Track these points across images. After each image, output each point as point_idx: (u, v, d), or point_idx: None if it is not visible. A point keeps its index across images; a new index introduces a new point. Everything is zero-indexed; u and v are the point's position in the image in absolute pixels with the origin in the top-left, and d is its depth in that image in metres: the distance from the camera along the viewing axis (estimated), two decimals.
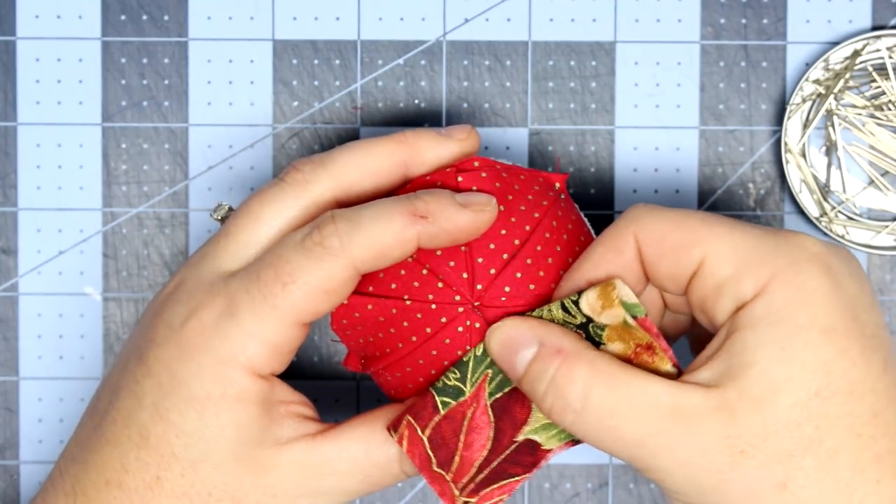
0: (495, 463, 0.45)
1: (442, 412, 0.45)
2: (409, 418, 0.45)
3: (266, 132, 0.57)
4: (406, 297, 0.45)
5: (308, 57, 0.56)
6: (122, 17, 0.56)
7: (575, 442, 0.44)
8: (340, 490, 0.46)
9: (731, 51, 0.56)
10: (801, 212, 0.56)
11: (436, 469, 0.45)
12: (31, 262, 0.57)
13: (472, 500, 0.45)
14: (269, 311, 0.44)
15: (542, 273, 0.45)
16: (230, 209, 0.49)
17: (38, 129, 0.56)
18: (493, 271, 0.45)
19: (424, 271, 0.45)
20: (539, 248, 0.45)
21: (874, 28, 0.56)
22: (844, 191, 0.56)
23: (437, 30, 0.56)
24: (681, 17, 0.56)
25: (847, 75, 0.55)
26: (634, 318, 0.43)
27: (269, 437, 0.45)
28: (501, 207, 0.46)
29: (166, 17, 0.56)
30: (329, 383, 0.57)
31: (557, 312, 0.44)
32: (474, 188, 0.46)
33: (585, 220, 0.48)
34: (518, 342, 0.43)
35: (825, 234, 0.55)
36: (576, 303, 0.43)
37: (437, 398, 0.45)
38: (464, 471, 0.45)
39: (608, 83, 0.56)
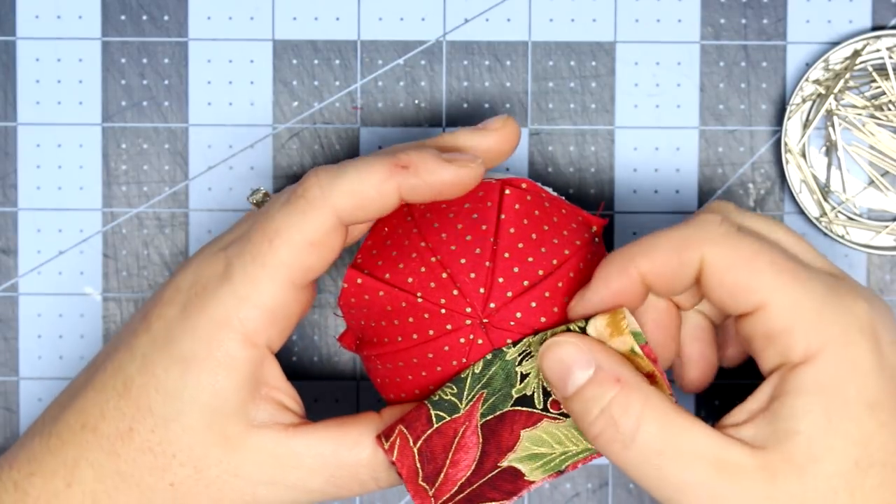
0: (476, 485, 0.44)
1: (435, 425, 0.45)
2: (402, 428, 0.45)
3: (266, 132, 0.57)
4: (419, 294, 0.45)
5: (308, 57, 0.56)
6: (122, 17, 0.56)
7: (559, 473, 0.44)
8: (303, 487, 0.46)
9: (731, 51, 0.56)
10: (801, 212, 0.56)
11: (420, 483, 0.44)
12: (31, 262, 0.57)
13: None
14: (260, 271, 0.44)
15: (556, 309, 0.45)
16: (266, 195, 0.49)
17: (38, 129, 0.56)
18: (509, 294, 0.45)
19: (444, 275, 0.45)
20: (560, 284, 0.45)
21: (874, 28, 0.56)
22: (844, 191, 0.56)
23: (437, 30, 0.56)
24: (681, 17, 0.56)
25: (847, 75, 0.55)
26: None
27: (244, 414, 0.45)
28: (534, 236, 0.45)
29: (166, 17, 0.56)
30: (329, 383, 0.57)
31: None
32: (517, 206, 0.46)
33: None
34: (574, 362, 0.43)
35: (825, 234, 0.55)
36: (582, 329, 0.44)
37: (431, 411, 0.45)
38: (445, 488, 0.44)
39: (608, 83, 0.56)
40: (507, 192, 0.46)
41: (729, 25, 0.56)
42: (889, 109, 0.56)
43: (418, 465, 0.45)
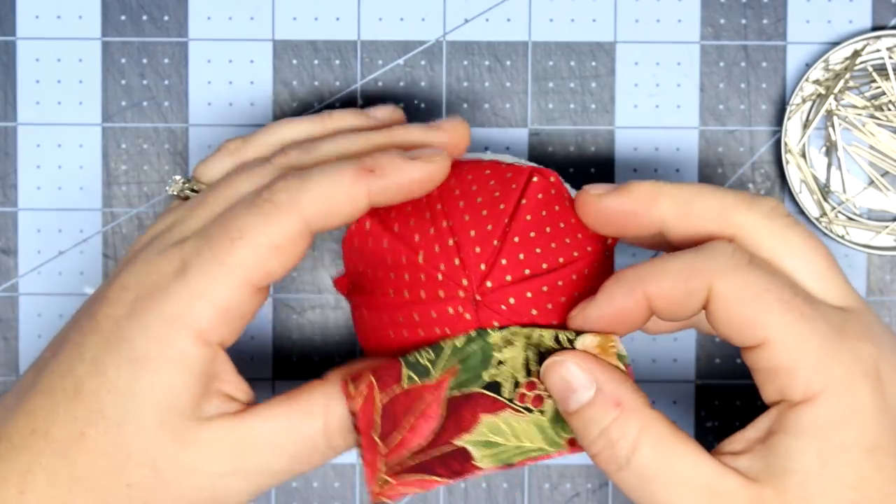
0: (428, 457, 0.44)
1: (405, 386, 0.44)
2: (372, 379, 0.44)
3: None
4: (422, 253, 0.45)
5: (308, 57, 0.56)
6: (122, 17, 0.56)
7: (509, 466, 0.44)
8: (268, 470, 0.45)
9: (731, 51, 0.56)
10: (801, 212, 0.56)
11: (374, 436, 0.44)
12: (31, 262, 0.57)
13: (392, 481, 0.44)
14: (218, 269, 0.44)
15: (550, 306, 0.45)
16: (185, 181, 0.49)
17: (38, 129, 0.56)
18: (508, 278, 0.45)
19: (451, 241, 0.45)
20: (560, 283, 0.45)
21: (874, 28, 0.56)
22: (844, 191, 0.56)
23: (437, 30, 0.56)
24: (681, 17, 0.56)
25: (847, 75, 0.55)
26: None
27: (196, 410, 0.44)
28: (548, 229, 0.45)
29: (166, 17, 0.56)
30: None
31: (548, 341, 0.44)
32: (539, 195, 0.46)
33: None
34: (577, 382, 0.43)
35: (825, 234, 0.55)
36: (571, 341, 0.44)
37: (404, 370, 0.44)
38: (398, 452, 0.44)
39: (608, 83, 0.56)
40: (535, 179, 0.46)
41: (729, 25, 0.56)
42: (889, 109, 0.56)
43: (378, 419, 0.44)
